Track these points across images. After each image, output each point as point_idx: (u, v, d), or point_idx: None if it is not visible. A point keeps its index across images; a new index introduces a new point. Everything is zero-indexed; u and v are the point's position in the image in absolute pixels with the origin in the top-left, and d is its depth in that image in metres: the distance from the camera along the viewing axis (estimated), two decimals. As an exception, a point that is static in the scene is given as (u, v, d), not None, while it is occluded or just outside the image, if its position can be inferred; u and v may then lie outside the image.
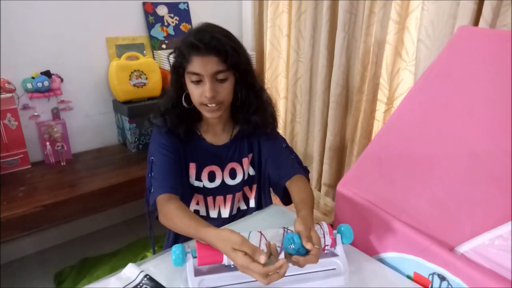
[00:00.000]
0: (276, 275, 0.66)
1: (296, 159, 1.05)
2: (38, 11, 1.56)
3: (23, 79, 1.56)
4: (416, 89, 0.93)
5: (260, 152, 1.06)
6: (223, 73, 0.88)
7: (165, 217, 0.84)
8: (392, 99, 1.56)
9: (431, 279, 0.77)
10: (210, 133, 1.02)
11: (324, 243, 0.79)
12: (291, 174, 0.98)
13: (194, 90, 0.90)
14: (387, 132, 0.96)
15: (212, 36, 0.86)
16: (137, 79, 1.72)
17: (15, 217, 1.25)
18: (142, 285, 0.73)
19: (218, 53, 0.86)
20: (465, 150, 0.77)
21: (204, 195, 1.03)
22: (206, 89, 0.88)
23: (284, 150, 1.05)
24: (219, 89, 0.89)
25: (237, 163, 1.04)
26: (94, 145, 1.83)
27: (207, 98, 0.88)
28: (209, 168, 1.02)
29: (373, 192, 0.91)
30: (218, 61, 0.87)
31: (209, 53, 0.86)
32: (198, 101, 0.91)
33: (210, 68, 0.87)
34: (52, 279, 1.65)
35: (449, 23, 1.20)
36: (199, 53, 0.86)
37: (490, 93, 0.77)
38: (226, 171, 1.03)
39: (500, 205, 0.69)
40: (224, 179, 1.03)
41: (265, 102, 1.01)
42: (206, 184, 1.02)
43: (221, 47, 0.86)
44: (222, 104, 0.92)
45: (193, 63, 0.87)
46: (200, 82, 0.89)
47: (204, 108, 0.92)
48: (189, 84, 0.91)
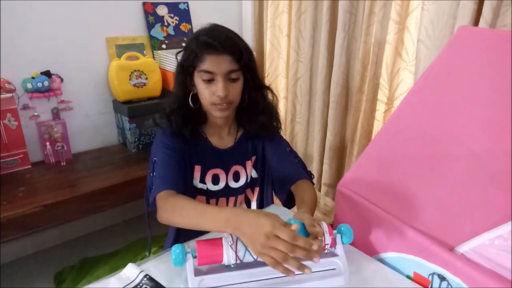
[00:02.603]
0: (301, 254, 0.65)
1: (301, 163, 1.06)
2: (38, 11, 1.56)
3: (23, 79, 1.56)
4: (416, 89, 0.93)
5: (263, 155, 1.06)
6: (235, 72, 0.89)
7: (172, 209, 0.81)
8: (392, 99, 1.56)
9: (431, 279, 0.77)
10: (216, 136, 1.02)
11: (324, 243, 0.79)
12: (296, 179, 0.98)
13: (205, 89, 0.90)
14: (387, 132, 0.96)
15: (227, 36, 0.88)
16: (137, 79, 1.73)
17: (15, 217, 1.25)
18: (142, 285, 0.73)
19: (232, 52, 0.87)
20: (465, 150, 0.77)
21: (207, 197, 1.03)
22: (220, 88, 0.88)
23: (289, 154, 1.05)
24: (231, 89, 0.90)
25: (241, 166, 1.04)
26: (94, 145, 1.83)
27: (220, 97, 0.88)
28: (213, 171, 1.01)
29: (373, 192, 0.91)
30: (232, 61, 0.88)
31: (224, 52, 0.86)
32: (209, 100, 0.91)
33: (224, 67, 0.87)
34: (52, 279, 1.65)
35: (449, 23, 1.20)
36: (214, 51, 0.86)
37: (490, 93, 0.77)
38: (230, 174, 1.03)
39: (500, 205, 0.69)
40: (228, 182, 1.03)
41: (270, 103, 1.02)
42: (209, 186, 1.02)
43: (235, 47, 0.88)
44: (232, 104, 0.93)
45: (207, 62, 0.87)
46: (212, 81, 0.89)
47: (214, 107, 0.92)
48: (199, 83, 0.91)
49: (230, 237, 0.74)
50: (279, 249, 0.64)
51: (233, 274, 0.75)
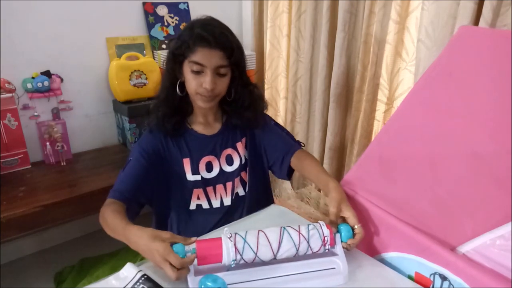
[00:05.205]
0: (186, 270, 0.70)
1: (288, 134, 1.12)
2: (38, 11, 1.56)
3: (23, 79, 1.56)
4: (417, 89, 0.93)
5: (253, 135, 1.08)
6: (224, 68, 0.92)
7: (102, 219, 0.88)
8: (392, 99, 1.56)
9: (433, 279, 0.77)
10: (202, 124, 1.04)
11: (323, 242, 0.79)
12: (292, 151, 1.04)
13: (193, 80, 0.92)
14: (388, 132, 0.96)
15: (221, 32, 0.91)
16: (137, 79, 1.72)
17: (15, 217, 1.25)
18: (139, 284, 0.73)
19: (224, 48, 0.90)
20: (466, 150, 0.77)
21: (204, 188, 1.04)
22: (207, 80, 0.91)
23: (276, 129, 1.11)
24: (218, 82, 0.93)
25: (232, 149, 1.06)
26: (94, 145, 1.83)
27: (206, 89, 0.92)
28: (205, 159, 1.03)
29: (373, 192, 0.91)
30: (223, 56, 0.91)
31: (216, 47, 0.89)
32: (194, 90, 0.94)
33: (214, 61, 0.90)
34: (52, 279, 1.65)
35: (449, 23, 1.20)
36: (207, 45, 0.89)
37: (491, 93, 0.77)
38: (222, 158, 1.05)
39: (502, 205, 0.69)
40: (221, 167, 1.04)
41: (257, 99, 1.05)
42: (204, 175, 1.03)
43: (228, 44, 0.91)
44: (217, 96, 0.97)
45: (198, 54, 0.90)
46: (201, 73, 0.91)
47: (199, 97, 0.95)
48: (187, 73, 0.93)
49: (228, 232, 0.75)
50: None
51: (232, 274, 0.75)
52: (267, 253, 0.76)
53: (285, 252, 0.77)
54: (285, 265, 0.78)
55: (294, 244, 0.77)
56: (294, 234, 0.77)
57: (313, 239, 0.78)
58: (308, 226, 0.80)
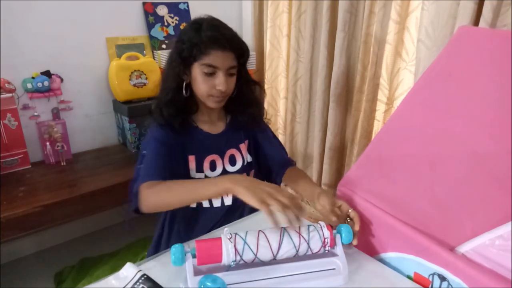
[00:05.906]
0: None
1: (284, 149, 1.16)
2: (38, 11, 1.56)
3: (23, 79, 1.56)
4: (417, 89, 0.93)
5: (255, 138, 1.11)
6: (234, 68, 0.94)
7: (167, 190, 0.83)
8: (392, 99, 1.56)
9: (432, 279, 0.77)
10: (207, 123, 1.04)
11: (323, 244, 0.79)
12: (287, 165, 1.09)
13: (205, 82, 0.93)
14: (388, 132, 0.96)
15: (232, 34, 0.93)
16: (137, 79, 1.72)
17: (15, 217, 1.25)
18: (139, 284, 0.73)
19: (235, 50, 0.92)
20: (465, 150, 0.77)
21: None
22: (221, 82, 0.92)
23: (276, 141, 1.15)
24: (229, 82, 0.95)
25: (235, 149, 1.06)
26: (94, 145, 1.83)
27: (220, 91, 0.93)
28: (210, 158, 1.03)
29: (373, 192, 0.91)
30: (234, 57, 0.93)
31: (229, 49, 0.91)
32: (207, 92, 0.94)
33: (227, 63, 0.92)
34: (52, 279, 1.65)
35: (449, 23, 1.20)
36: (220, 47, 0.90)
37: (491, 93, 0.77)
38: (226, 158, 1.05)
39: (501, 205, 0.69)
40: (225, 166, 1.04)
41: (259, 97, 1.08)
42: (208, 174, 1.03)
43: (240, 45, 0.93)
44: (228, 96, 0.98)
45: (211, 56, 0.90)
46: (213, 74, 0.92)
47: (211, 99, 0.95)
48: (198, 74, 0.93)
49: (229, 233, 0.75)
50: (279, 199, 0.71)
51: (232, 274, 0.75)
52: (267, 254, 0.76)
53: (285, 253, 0.77)
54: (285, 266, 0.78)
55: (294, 245, 0.77)
56: (294, 235, 0.77)
57: (313, 241, 0.78)
58: (309, 227, 0.79)
